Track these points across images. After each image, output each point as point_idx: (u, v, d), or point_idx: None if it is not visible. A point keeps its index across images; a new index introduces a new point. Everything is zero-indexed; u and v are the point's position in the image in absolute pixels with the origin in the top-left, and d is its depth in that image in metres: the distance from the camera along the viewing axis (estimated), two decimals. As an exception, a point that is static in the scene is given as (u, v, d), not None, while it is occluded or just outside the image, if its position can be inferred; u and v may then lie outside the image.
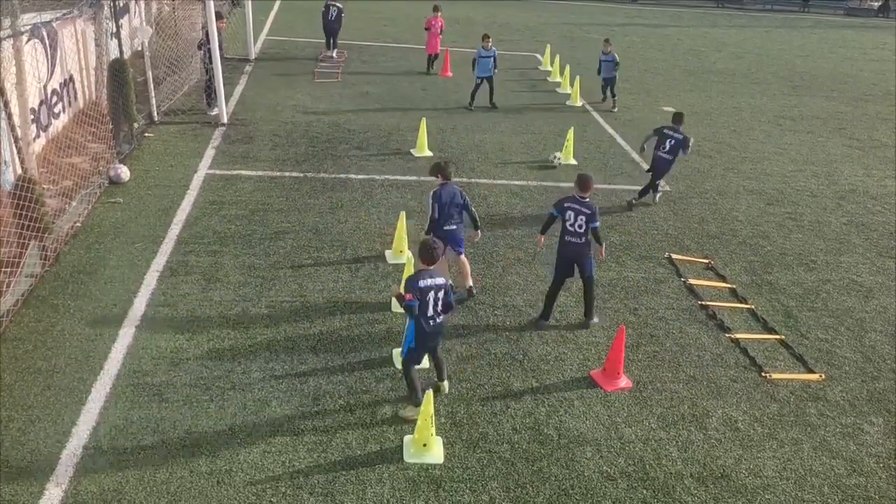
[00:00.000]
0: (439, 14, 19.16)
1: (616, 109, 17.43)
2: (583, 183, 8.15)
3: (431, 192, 8.38)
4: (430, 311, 6.56)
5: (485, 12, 30.10)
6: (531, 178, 12.68)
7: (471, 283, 8.87)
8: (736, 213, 12.06)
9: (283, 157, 12.56)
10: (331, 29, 19.50)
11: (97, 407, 6.53)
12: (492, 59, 16.03)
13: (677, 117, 11.82)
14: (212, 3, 13.08)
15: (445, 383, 7.16)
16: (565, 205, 8.08)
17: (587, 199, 8.08)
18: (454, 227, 8.45)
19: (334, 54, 19.72)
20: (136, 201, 10.49)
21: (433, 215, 8.29)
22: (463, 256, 8.72)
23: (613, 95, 17.64)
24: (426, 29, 19.21)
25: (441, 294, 6.58)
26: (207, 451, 6.17)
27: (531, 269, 9.65)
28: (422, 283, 6.48)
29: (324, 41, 20.02)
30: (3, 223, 8.07)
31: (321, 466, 6.13)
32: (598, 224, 8.02)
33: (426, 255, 6.66)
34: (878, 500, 6.41)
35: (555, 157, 13.41)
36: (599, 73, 17.85)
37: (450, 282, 6.87)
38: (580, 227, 8.00)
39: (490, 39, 16.22)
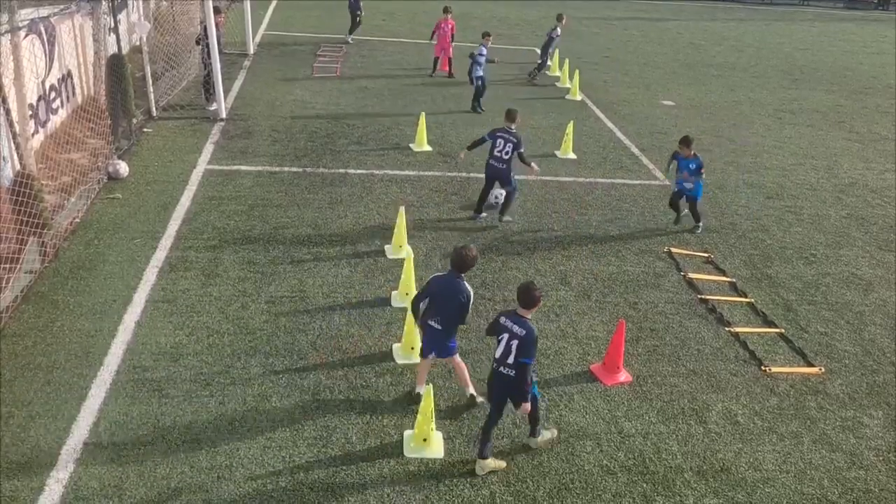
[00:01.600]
0: (449, 16, 18.07)
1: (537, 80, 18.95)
2: (510, 115, 10.41)
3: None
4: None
5: (483, 6, 30.02)
6: (530, 173, 12.63)
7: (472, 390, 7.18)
8: (735, 207, 12.05)
9: (282, 153, 12.54)
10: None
11: (97, 402, 6.53)
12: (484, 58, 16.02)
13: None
14: (210, -2, 13.04)
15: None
16: (497, 133, 10.29)
17: (514, 130, 10.23)
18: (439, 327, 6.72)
19: (349, 39, 20.57)
20: (135, 197, 10.48)
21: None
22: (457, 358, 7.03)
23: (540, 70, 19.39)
24: (433, 35, 18.26)
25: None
26: (208, 446, 6.17)
27: (530, 262, 9.65)
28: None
29: (323, 36, 19.93)
30: (2, 219, 8.06)
31: (321, 461, 6.14)
32: (523, 150, 10.30)
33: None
34: (878, 492, 6.42)
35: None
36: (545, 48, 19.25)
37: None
38: (506, 153, 10.23)
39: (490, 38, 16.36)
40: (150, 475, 5.83)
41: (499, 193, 10.77)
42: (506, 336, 6.04)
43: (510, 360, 6.00)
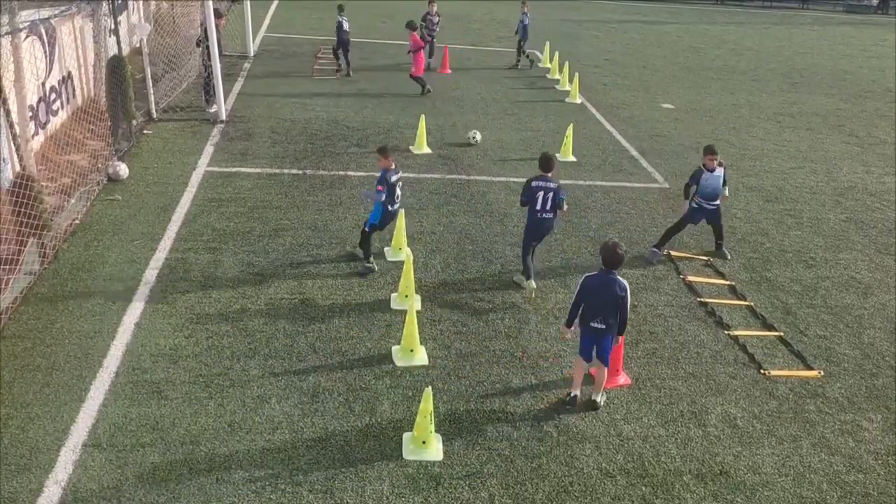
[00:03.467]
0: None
1: (520, 66, 19.83)
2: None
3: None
4: (539, 206, 8.73)
5: (484, 8, 30.05)
6: (530, 175, 12.63)
7: (601, 397, 7.21)
8: (735, 210, 12.06)
9: (282, 155, 12.55)
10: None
11: (96, 404, 6.53)
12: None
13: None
14: (210, 1, 13.06)
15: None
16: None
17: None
18: (602, 325, 6.94)
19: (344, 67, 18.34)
20: (135, 198, 10.48)
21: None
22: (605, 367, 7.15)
23: (523, 54, 20.23)
24: (410, 52, 17.01)
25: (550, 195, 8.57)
26: (207, 448, 6.17)
27: (530, 266, 9.64)
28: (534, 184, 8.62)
29: (323, 38, 19.86)
30: (2, 220, 8.06)
31: (320, 463, 6.14)
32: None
33: (545, 162, 8.90)
34: (877, 496, 6.42)
35: (473, 138, 13.92)
36: (517, 32, 20.14)
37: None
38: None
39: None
40: (149, 477, 5.83)
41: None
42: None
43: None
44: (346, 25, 17.49)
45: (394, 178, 8.82)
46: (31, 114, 10.02)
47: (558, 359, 7.82)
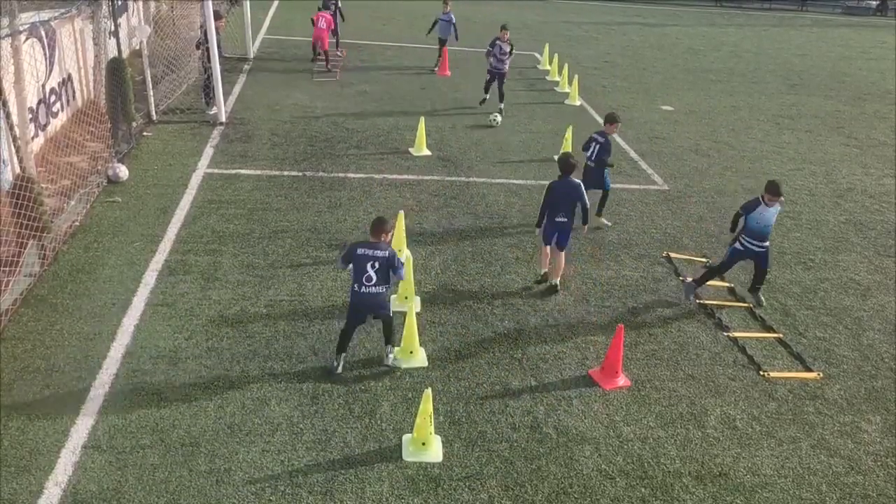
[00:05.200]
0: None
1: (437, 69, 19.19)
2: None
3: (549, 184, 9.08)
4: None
5: (484, 10, 30.07)
6: (529, 177, 12.69)
7: (557, 280, 9.14)
8: (734, 212, 12.04)
9: (282, 156, 12.55)
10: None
11: (96, 406, 6.53)
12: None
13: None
14: (209, 3, 13.07)
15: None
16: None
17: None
18: (564, 219, 8.91)
19: (339, 52, 19.92)
20: (135, 200, 10.49)
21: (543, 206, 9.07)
22: (562, 253, 9.07)
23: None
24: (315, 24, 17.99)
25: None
26: (206, 450, 6.17)
27: (529, 267, 9.65)
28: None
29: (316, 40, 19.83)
30: (2, 222, 8.07)
31: (320, 465, 6.14)
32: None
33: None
34: (876, 498, 6.42)
35: (493, 118, 14.50)
36: (430, 32, 19.30)
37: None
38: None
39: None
40: (148, 479, 5.83)
41: None
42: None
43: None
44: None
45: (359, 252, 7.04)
46: (30, 116, 10.03)
47: (558, 360, 7.83)
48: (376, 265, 6.89)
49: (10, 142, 8.62)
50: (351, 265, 6.99)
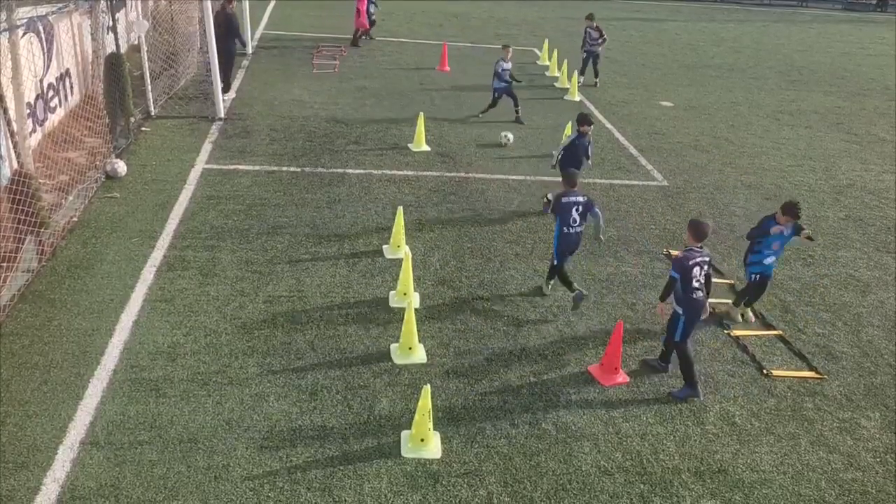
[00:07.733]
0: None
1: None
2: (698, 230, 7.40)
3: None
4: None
5: (483, 7, 30.03)
6: (528, 173, 12.67)
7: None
8: (733, 208, 12.06)
9: (281, 152, 12.53)
10: None
11: (94, 402, 6.52)
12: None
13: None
14: (209, 3, 13.04)
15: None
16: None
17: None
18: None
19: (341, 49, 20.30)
20: (133, 196, 10.46)
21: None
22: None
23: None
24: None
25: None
26: (205, 446, 6.16)
27: (528, 263, 9.64)
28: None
29: (322, 36, 19.90)
30: (0, 218, 8.04)
31: (318, 461, 6.13)
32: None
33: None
34: (875, 494, 6.42)
35: (505, 137, 13.79)
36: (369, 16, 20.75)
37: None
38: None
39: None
40: (147, 475, 5.82)
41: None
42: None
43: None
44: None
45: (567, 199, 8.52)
46: (28, 111, 9.99)
47: (557, 357, 7.82)
48: (580, 208, 8.47)
49: (8, 137, 8.59)
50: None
